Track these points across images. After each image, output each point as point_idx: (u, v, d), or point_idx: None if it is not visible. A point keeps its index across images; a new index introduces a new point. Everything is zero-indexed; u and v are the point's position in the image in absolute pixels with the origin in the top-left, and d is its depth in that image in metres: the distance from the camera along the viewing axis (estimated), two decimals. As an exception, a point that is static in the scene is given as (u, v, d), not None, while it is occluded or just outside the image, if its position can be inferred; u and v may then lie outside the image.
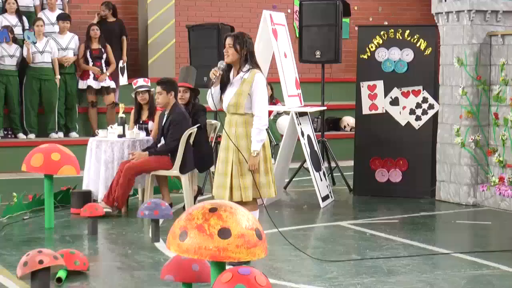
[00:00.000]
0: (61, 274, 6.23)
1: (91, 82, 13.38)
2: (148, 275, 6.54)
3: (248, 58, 6.81)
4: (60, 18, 13.37)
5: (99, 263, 7.04)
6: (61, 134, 13.21)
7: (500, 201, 9.45)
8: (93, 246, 7.69)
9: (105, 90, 13.42)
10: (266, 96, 6.85)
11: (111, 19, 13.96)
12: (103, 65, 13.46)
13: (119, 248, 7.59)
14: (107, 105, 13.44)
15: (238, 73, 6.85)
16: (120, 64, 13.73)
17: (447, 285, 6.29)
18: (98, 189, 9.21)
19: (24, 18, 13.29)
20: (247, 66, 6.82)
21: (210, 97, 6.87)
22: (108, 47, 13.52)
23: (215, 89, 6.87)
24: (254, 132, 6.73)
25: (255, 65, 6.85)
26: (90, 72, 13.34)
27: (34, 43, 12.86)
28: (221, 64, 6.84)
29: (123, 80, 13.72)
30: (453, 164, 9.90)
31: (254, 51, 6.91)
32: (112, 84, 13.50)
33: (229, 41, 6.82)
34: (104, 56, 13.45)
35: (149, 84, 9.71)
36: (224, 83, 6.87)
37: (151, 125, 9.64)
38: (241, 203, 6.78)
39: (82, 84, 13.45)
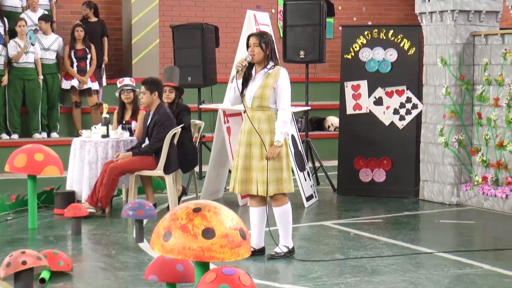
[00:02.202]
0: (45, 275, 6.20)
1: (74, 82, 13.31)
2: (132, 275, 6.52)
3: (272, 56, 6.95)
4: (41, 18, 13.29)
5: (82, 263, 7.02)
6: (44, 135, 13.15)
7: (484, 201, 9.49)
8: (77, 246, 7.66)
9: (87, 92, 13.34)
10: (290, 91, 6.96)
11: (93, 19, 13.89)
12: (87, 65, 13.39)
13: (103, 248, 7.57)
14: (90, 106, 13.36)
15: (262, 69, 6.96)
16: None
17: (430, 284, 6.30)
18: (82, 189, 9.18)
19: (5, 20, 13.20)
20: (271, 63, 6.96)
21: (232, 91, 6.98)
22: (93, 47, 13.42)
23: (238, 82, 6.96)
24: (278, 124, 6.83)
25: (278, 62, 7.02)
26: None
27: (33, 44, 12.84)
28: (248, 57, 6.92)
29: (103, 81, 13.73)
30: (436, 164, 9.93)
31: (276, 48, 7.07)
32: (94, 86, 13.41)
33: (254, 40, 6.93)
34: (89, 56, 13.38)
35: (134, 84, 9.69)
36: (246, 80, 6.97)
37: (134, 125, 9.62)
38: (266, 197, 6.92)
39: (65, 84, 13.37)
